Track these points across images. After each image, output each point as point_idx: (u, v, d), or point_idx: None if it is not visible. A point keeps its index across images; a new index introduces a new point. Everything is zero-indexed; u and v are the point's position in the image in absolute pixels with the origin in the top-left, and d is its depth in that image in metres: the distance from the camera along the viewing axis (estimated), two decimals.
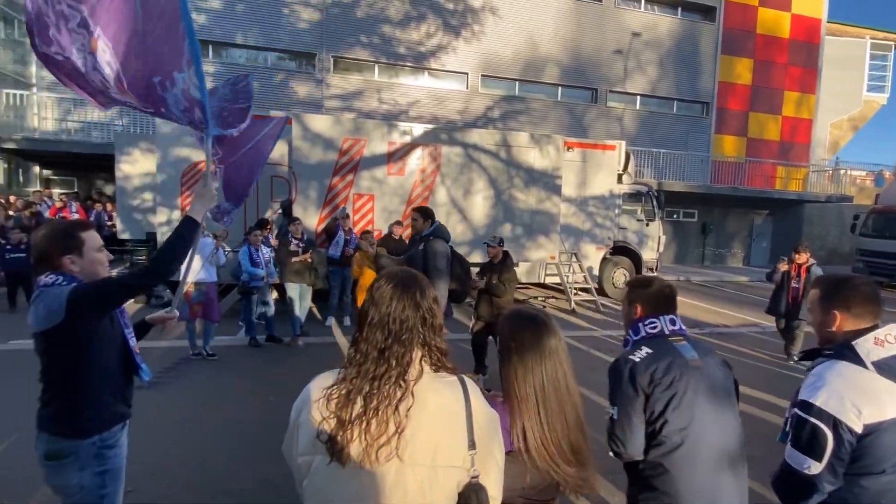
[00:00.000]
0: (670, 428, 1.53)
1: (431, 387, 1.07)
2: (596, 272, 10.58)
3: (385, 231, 7.82)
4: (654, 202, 11.07)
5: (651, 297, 1.76)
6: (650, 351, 1.63)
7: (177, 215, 8.45)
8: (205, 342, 5.69)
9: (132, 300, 5.33)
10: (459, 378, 1.12)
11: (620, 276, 10.71)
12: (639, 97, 18.49)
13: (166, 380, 4.85)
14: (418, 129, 8.81)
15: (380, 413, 1.01)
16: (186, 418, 4.03)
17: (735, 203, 18.29)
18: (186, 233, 1.75)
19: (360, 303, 5.38)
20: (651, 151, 17.23)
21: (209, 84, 2.14)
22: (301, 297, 6.45)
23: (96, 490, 1.72)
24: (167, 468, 3.18)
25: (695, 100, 18.98)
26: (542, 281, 10.23)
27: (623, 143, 10.89)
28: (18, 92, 12.61)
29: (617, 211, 10.64)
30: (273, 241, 7.20)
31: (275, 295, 7.28)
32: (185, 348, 5.67)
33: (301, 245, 6.45)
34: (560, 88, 17.81)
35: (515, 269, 5.75)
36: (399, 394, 1.03)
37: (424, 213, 4.24)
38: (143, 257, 8.94)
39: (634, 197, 11.02)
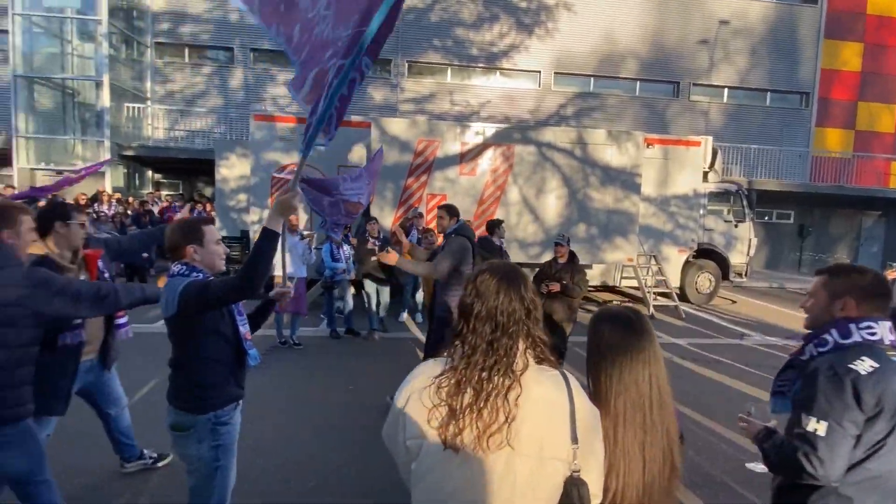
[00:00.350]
0: (883, 461, 1.35)
1: (536, 378, 1.09)
2: (678, 276, 10.01)
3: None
4: (744, 202, 10.26)
5: (867, 290, 1.45)
6: (876, 365, 1.35)
7: (266, 215, 9.15)
8: (291, 332, 6.13)
9: None
10: (562, 372, 1.13)
11: (705, 280, 10.05)
12: (726, 90, 17.22)
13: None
14: (491, 129, 8.84)
15: (490, 402, 1.04)
16: (274, 400, 4.37)
17: (840, 203, 16.46)
18: (265, 247, 1.80)
19: (427, 299, 5.54)
20: (741, 147, 15.99)
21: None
22: (378, 293, 6.74)
23: (211, 462, 1.93)
24: (264, 446, 3.47)
25: (792, 90, 17.33)
26: (617, 284, 9.87)
27: (709, 138, 10.20)
28: (136, 105, 14.29)
29: (702, 211, 10.00)
30: (352, 240, 7.57)
31: (353, 291, 7.65)
32: (272, 337, 6.13)
33: (377, 244, 6.73)
34: (638, 83, 17.04)
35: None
36: (508, 383, 1.05)
37: (450, 211, 4.15)
38: (238, 253, 9.75)
39: (722, 196, 10.29)
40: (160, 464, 3.15)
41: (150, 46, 14.92)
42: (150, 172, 15.51)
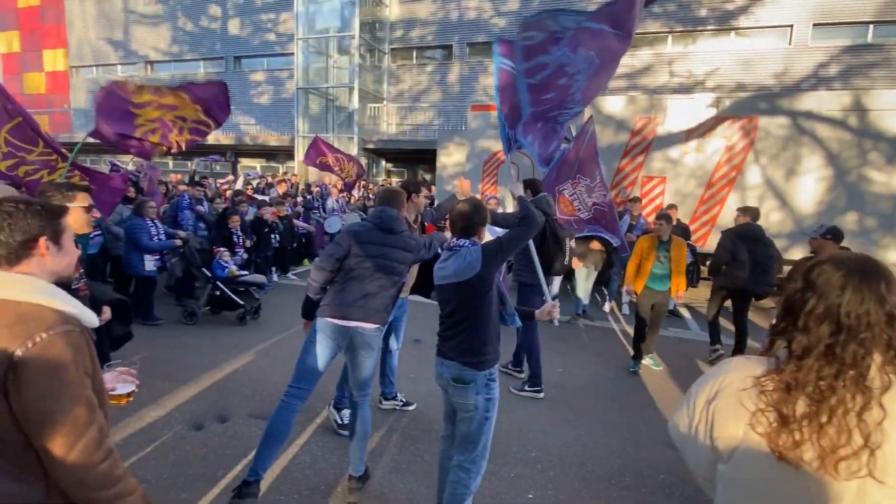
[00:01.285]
0: None
1: None
2: None
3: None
4: None
5: None
6: None
7: (477, 199, 9.85)
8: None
9: None
10: None
11: None
12: None
13: None
14: (727, 100, 7.68)
15: (837, 419, 0.92)
16: None
17: None
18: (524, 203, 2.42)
19: (637, 289, 5.13)
20: None
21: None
22: (586, 278, 6.63)
23: (484, 412, 2.23)
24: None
25: None
26: None
27: None
28: (375, 105, 16.90)
29: None
30: None
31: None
32: None
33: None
34: None
35: None
36: (862, 402, 0.91)
37: (533, 187, 4.35)
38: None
39: None
40: (409, 408, 3.77)
41: (386, 53, 17.40)
42: (383, 162, 18.25)
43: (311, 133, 16.57)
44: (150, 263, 5.54)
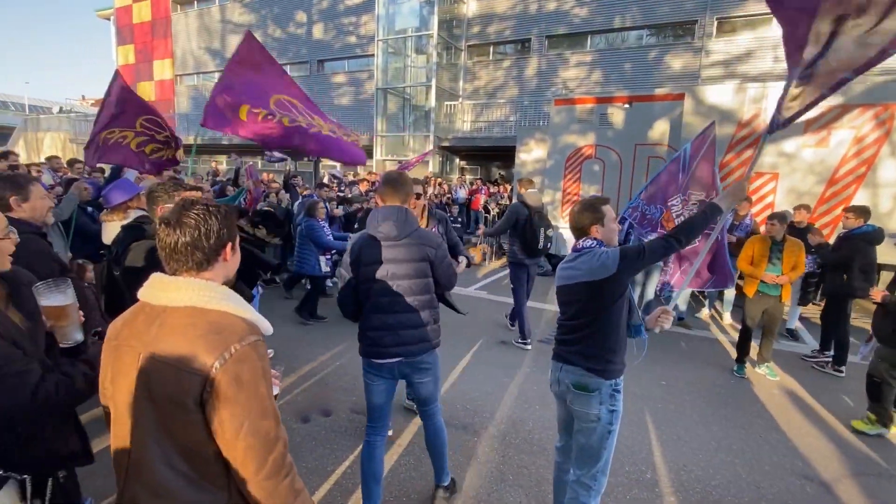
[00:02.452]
0: None
1: None
2: None
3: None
4: None
5: None
6: None
7: (559, 196, 9.51)
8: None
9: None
10: None
11: None
12: None
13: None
14: (856, 85, 6.76)
15: None
16: None
17: None
18: (710, 213, 2.04)
19: (748, 292, 4.64)
20: None
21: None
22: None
23: (607, 425, 2.05)
24: None
25: None
26: None
27: None
28: (451, 103, 16.93)
29: None
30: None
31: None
32: None
33: None
34: None
35: None
36: None
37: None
38: None
39: None
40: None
41: (463, 50, 17.35)
42: (457, 160, 18.26)
43: (389, 133, 16.98)
44: (325, 264, 5.77)
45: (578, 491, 2.12)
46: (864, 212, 4.80)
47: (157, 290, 1.13)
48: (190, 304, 1.09)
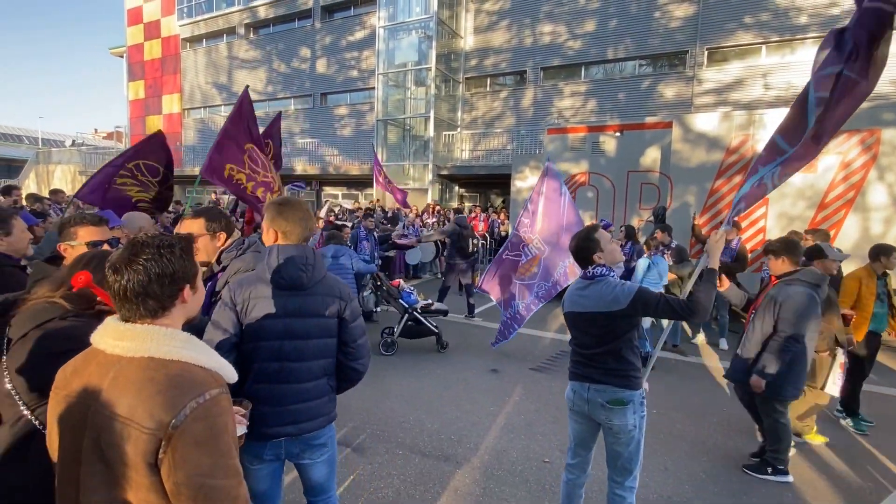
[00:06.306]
0: None
1: None
2: None
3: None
4: None
5: None
6: None
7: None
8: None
9: None
10: None
11: None
12: None
13: (553, 367, 5.55)
14: None
15: None
16: None
17: None
18: (708, 276, 2.20)
19: (857, 336, 4.29)
20: None
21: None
22: None
23: (638, 430, 2.23)
24: None
25: None
26: None
27: None
28: (450, 133, 17.28)
29: None
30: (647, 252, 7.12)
31: None
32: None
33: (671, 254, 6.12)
34: None
35: None
36: None
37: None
38: None
39: None
40: None
41: (461, 82, 17.82)
42: (456, 187, 18.50)
43: (390, 162, 17.28)
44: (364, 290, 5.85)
45: (624, 496, 2.28)
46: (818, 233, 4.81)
47: (112, 338, 1.02)
48: (148, 356, 1.00)
